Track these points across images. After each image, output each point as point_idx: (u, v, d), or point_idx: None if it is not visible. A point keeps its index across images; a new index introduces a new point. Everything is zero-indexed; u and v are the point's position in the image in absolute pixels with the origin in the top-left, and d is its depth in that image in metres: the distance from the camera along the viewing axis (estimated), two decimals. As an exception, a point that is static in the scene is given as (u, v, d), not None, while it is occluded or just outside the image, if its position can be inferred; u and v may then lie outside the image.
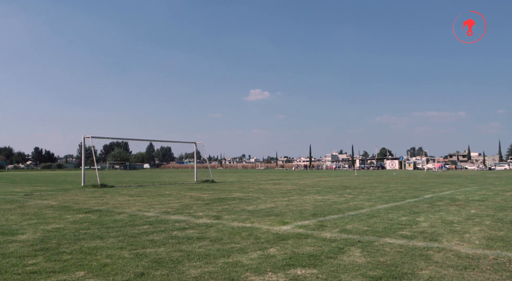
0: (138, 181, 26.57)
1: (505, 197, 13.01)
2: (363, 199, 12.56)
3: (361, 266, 4.44)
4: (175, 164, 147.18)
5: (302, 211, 9.39)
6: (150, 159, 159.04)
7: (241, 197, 13.59)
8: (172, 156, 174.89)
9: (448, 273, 4.19)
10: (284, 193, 15.11)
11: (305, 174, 46.83)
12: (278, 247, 5.46)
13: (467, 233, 6.43)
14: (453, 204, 10.81)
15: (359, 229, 6.86)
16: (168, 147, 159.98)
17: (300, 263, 4.58)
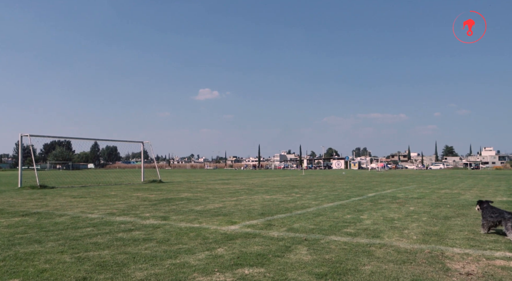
0: (81, 182, 25.49)
1: (440, 195, 13.84)
2: (310, 198, 12.85)
3: (308, 264, 4.54)
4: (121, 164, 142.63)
5: (251, 210, 9.45)
6: (95, 158, 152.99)
7: (189, 197, 13.44)
8: (118, 155, 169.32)
9: (388, 267, 4.38)
10: (232, 193, 15.13)
11: (254, 174, 47.15)
12: (226, 247, 5.45)
13: (406, 229, 6.76)
14: (394, 202, 11.33)
15: (306, 227, 7.01)
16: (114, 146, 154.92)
17: (248, 263, 4.60)
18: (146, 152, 29.10)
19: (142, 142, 27.08)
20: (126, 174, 42.06)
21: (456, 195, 13.69)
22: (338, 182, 24.42)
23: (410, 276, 4.06)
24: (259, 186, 20.13)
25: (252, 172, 59.37)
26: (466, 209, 9.64)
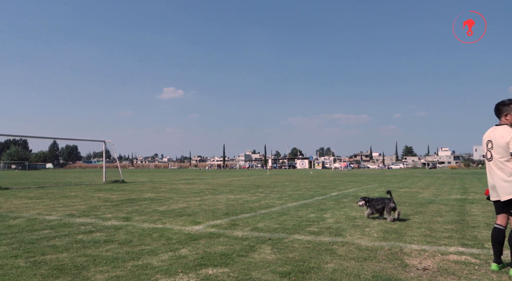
0: (38, 182, 24.53)
1: (400, 193, 14.29)
2: (275, 197, 12.94)
3: (271, 263, 4.57)
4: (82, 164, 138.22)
5: (215, 210, 9.41)
6: (54, 158, 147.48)
7: (152, 197, 13.22)
8: (79, 155, 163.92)
9: (350, 265, 4.48)
10: (197, 193, 15.01)
11: (219, 174, 46.98)
12: (190, 247, 5.40)
13: (367, 227, 6.94)
14: (356, 201, 11.59)
15: (270, 227, 7.06)
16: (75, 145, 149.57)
17: (212, 263, 4.58)
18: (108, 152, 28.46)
19: (104, 141, 26.39)
20: (87, 174, 40.86)
21: (414, 194, 14.18)
22: (302, 181, 24.74)
23: (371, 272, 4.17)
24: (223, 186, 20.08)
25: (217, 172, 59.14)
26: (423, 207, 10.00)
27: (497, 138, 4.15)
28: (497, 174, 4.17)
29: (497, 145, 4.15)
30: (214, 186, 19.48)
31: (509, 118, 4.19)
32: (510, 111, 4.18)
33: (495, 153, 4.18)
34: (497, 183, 4.17)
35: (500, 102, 4.28)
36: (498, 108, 4.28)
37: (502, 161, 4.12)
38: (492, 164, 4.23)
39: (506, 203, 4.15)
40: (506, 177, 4.09)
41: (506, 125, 4.17)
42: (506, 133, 4.09)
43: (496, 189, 4.20)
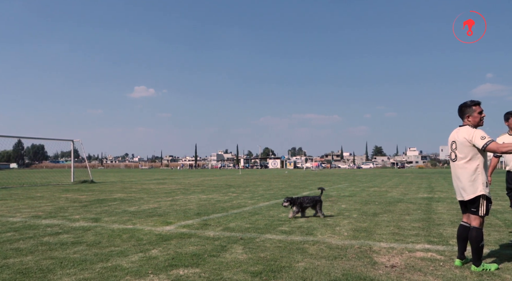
0: (1, 183, 23.66)
1: (370, 193, 14.58)
2: (247, 197, 12.96)
3: (243, 263, 4.57)
4: (49, 164, 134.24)
5: (186, 210, 9.34)
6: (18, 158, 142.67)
7: (122, 197, 12.98)
8: (45, 154, 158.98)
9: (320, 263, 4.54)
10: (168, 193, 14.85)
11: (190, 173, 46.63)
12: (160, 248, 5.34)
13: (338, 226, 7.04)
14: (327, 200, 11.75)
15: (241, 226, 7.06)
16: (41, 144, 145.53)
17: (183, 263, 4.54)
18: (76, 151, 27.76)
19: (72, 141, 25.73)
20: (54, 174, 39.68)
21: (384, 193, 14.50)
22: (274, 181, 24.86)
23: (341, 271, 4.24)
24: (195, 185, 19.94)
25: (188, 172, 58.66)
26: (392, 205, 10.23)
27: (460, 138, 4.29)
28: (461, 174, 4.31)
29: (460, 146, 4.29)
30: (186, 186, 19.32)
31: (471, 119, 4.34)
32: (471, 113, 4.34)
33: (459, 153, 4.32)
34: (461, 183, 4.32)
35: (462, 104, 4.43)
36: (461, 110, 4.44)
37: (465, 162, 4.26)
38: (456, 165, 4.38)
39: (469, 202, 4.30)
40: (469, 177, 4.23)
41: (468, 126, 4.33)
42: (467, 133, 4.23)
43: (460, 189, 4.35)
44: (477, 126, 4.34)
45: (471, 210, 4.29)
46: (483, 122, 4.38)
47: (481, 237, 4.21)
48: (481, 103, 4.38)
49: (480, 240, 4.20)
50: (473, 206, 4.26)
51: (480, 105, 4.37)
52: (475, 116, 4.33)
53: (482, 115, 4.35)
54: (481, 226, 4.26)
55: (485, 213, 4.21)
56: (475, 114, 4.33)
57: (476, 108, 4.34)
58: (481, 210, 4.19)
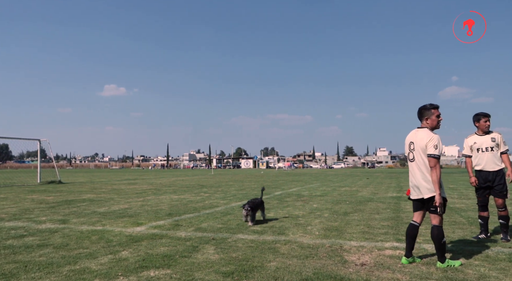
0: (-37, 184, 22.70)
1: (341, 192, 14.80)
2: (219, 197, 12.91)
3: (215, 263, 4.56)
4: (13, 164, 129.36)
5: (158, 211, 9.22)
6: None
7: (92, 198, 12.69)
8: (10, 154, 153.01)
9: (292, 263, 4.57)
10: (139, 193, 14.62)
11: (162, 174, 46.06)
12: (131, 249, 5.25)
13: (309, 226, 7.12)
14: (299, 200, 11.86)
15: (213, 226, 7.03)
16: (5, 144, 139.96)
17: (154, 264, 4.48)
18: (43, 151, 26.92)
19: (39, 140, 24.94)
20: (19, 175, 38.34)
21: (354, 192, 14.75)
22: (247, 181, 24.88)
23: (312, 269, 4.28)
24: (167, 186, 19.72)
25: (160, 172, 57.93)
26: (362, 205, 10.42)
27: (418, 140, 4.45)
28: (418, 174, 4.46)
29: (418, 147, 4.45)
30: (157, 186, 19.07)
31: (429, 122, 4.51)
32: (430, 115, 4.50)
33: (417, 154, 4.48)
34: (418, 183, 4.47)
35: (422, 107, 4.59)
36: (420, 112, 4.59)
37: (422, 162, 4.42)
38: (414, 165, 4.53)
39: (427, 201, 4.46)
40: (426, 177, 4.38)
41: (426, 128, 4.48)
42: (425, 136, 4.39)
43: (418, 188, 4.49)
44: (434, 128, 4.51)
45: (430, 209, 4.43)
46: (440, 125, 4.55)
47: (442, 235, 4.36)
48: (439, 107, 4.55)
49: (441, 237, 4.35)
50: (432, 205, 4.39)
51: (438, 109, 4.53)
52: (433, 119, 4.49)
53: (440, 118, 4.53)
54: (441, 224, 4.41)
55: (443, 211, 4.36)
56: (434, 117, 4.49)
57: (434, 111, 4.50)
58: (439, 209, 4.33)
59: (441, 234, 4.36)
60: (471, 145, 6.10)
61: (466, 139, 6.23)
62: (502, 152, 5.94)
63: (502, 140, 5.94)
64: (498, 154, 5.92)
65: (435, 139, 4.32)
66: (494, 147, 5.91)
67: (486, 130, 5.99)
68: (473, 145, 6.07)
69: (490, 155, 5.92)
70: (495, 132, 5.98)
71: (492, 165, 5.92)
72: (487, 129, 5.99)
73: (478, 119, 6.00)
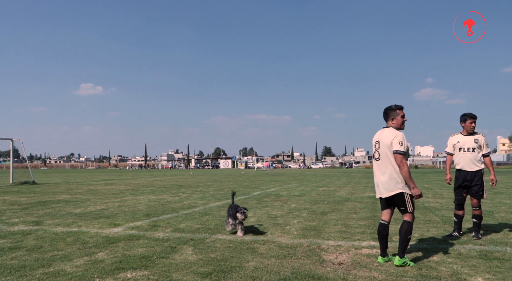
0: None
1: (319, 192, 14.93)
2: (197, 197, 12.84)
3: (193, 264, 4.53)
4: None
5: (135, 212, 9.10)
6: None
7: (67, 199, 12.43)
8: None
9: (270, 262, 4.59)
10: (116, 194, 14.40)
11: (140, 174, 45.52)
12: (107, 250, 5.17)
13: (288, 225, 7.15)
14: (278, 200, 11.91)
15: (192, 227, 6.99)
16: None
17: (131, 266, 4.42)
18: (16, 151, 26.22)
19: (12, 140, 24.28)
20: (-10, 175, 37.25)
21: (332, 192, 14.90)
22: (225, 181, 24.83)
23: (290, 269, 4.31)
24: (145, 186, 19.49)
25: (138, 172, 57.22)
26: (340, 204, 10.54)
27: (384, 139, 4.56)
28: (384, 173, 4.56)
29: (383, 146, 4.55)
30: (135, 187, 18.83)
31: (395, 122, 4.63)
32: (395, 116, 4.62)
33: (382, 153, 4.58)
34: (380, 181, 4.59)
35: (387, 107, 4.71)
36: (386, 113, 4.70)
37: (388, 160, 4.51)
38: (379, 164, 4.63)
39: (388, 200, 4.57)
40: (391, 176, 4.48)
41: (392, 128, 4.60)
42: (390, 134, 4.50)
43: (381, 187, 4.60)
44: (399, 129, 4.62)
45: (400, 209, 4.53)
46: (405, 126, 4.68)
47: (410, 231, 4.46)
48: (404, 107, 4.67)
49: (409, 233, 4.46)
50: (400, 205, 4.49)
51: (403, 110, 4.66)
52: (398, 119, 4.61)
53: (404, 119, 4.65)
54: (413, 220, 4.52)
55: (413, 208, 4.48)
56: (399, 117, 4.61)
57: (399, 112, 4.63)
58: (409, 207, 4.45)
59: (410, 230, 4.46)
60: (454, 143, 6.27)
61: (450, 137, 6.40)
62: (485, 154, 6.12)
63: (485, 143, 6.11)
64: (479, 156, 6.08)
65: (400, 136, 4.44)
66: (475, 148, 6.07)
67: (470, 131, 6.14)
68: (456, 144, 6.23)
69: (470, 155, 6.08)
70: (480, 134, 6.14)
71: (472, 165, 6.08)
72: (472, 130, 6.14)
73: (465, 120, 6.16)
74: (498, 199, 11.94)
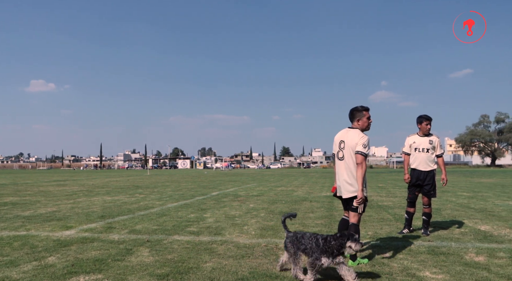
0: None
1: (277, 192, 15.08)
2: (154, 198, 12.62)
3: (149, 266, 4.45)
4: None
5: (89, 213, 8.81)
6: None
7: (15, 201, 11.83)
8: None
9: (228, 263, 4.59)
10: (69, 195, 13.88)
11: (95, 174, 44.11)
12: (58, 254, 4.97)
13: (246, 225, 7.17)
14: (236, 200, 11.91)
15: (148, 228, 6.86)
16: None
17: (84, 270, 4.28)
18: (-42, 150, 24.59)
19: (-46, 138, 22.82)
20: None
21: (290, 192, 15.09)
22: (183, 181, 24.55)
23: (248, 269, 4.32)
24: (100, 187, 18.91)
25: (93, 173, 55.43)
26: (298, 204, 10.69)
27: (349, 139, 4.63)
28: (345, 173, 4.63)
29: (348, 146, 4.62)
30: (90, 188, 18.23)
31: (360, 123, 4.71)
32: (361, 117, 4.71)
33: (346, 153, 4.65)
34: (345, 181, 4.63)
35: (354, 108, 4.78)
36: (352, 113, 4.77)
37: (351, 161, 4.57)
38: (342, 164, 4.69)
39: (350, 200, 4.63)
40: (351, 177, 4.56)
41: (357, 129, 4.68)
42: (356, 136, 4.57)
43: (342, 187, 4.67)
44: (364, 130, 4.72)
45: (351, 207, 4.59)
46: (370, 127, 4.79)
47: (358, 232, 4.55)
48: (370, 109, 4.77)
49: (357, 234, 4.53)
50: (352, 204, 4.56)
51: (369, 111, 4.76)
52: (364, 120, 4.70)
53: (370, 120, 4.75)
54: (359, 223, 4.62)
55: (363, 211, 4.58)
56: (365, 118, 4.70)
57: (365, 113, 4.72)
58: (360, 208, 4.53)
59: (357, 232, 4.52)
60: (411, 144, 6.53)
61: (407, 138, 6.65)
62: (438, 155, 6.42)
63: (439, 144, 6.41)
64: (433, 156, 6.37)
65: (365, 139, 4.52)
66: (430, 149, 6.35)
67: (426, 132, 6.43)
68: (412, 144, 6.50)
69: (424, 155, 6.36)
70: (435, 135, 6.44)
71: (425, 165, 6.36)
72: (427, 132, 6.43)
73: (421, 122, 6.44)
74: (445, 197, 12.55)
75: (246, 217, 8.27)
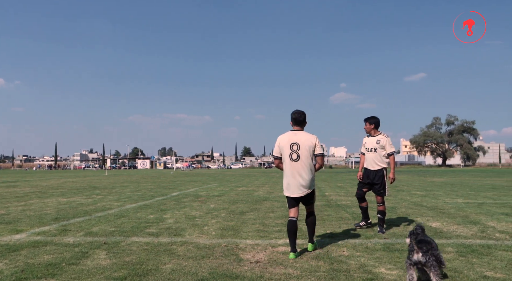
0: None
1: (238, 192, 15.09)
2: (112, 199, 12.29)
3: (106, 269, 4.33)
4: None
5: (42, 216, 8.46)
6: None
7: (-40, 204, 11.17)
8: None
9: (188, 264, 4.54)
10: (20, 197, 13.26)
11: (49, 175, 42.38)
12: (7, 260, 4.73)
13: (206, 226, 7.13)
14: (197, 200, 11.81)
15: (106, 230, 6.67)
16: None
17: (35, 275, 4.10)
18: None
19: None
20: None
21: (251, 192, 15.14)
22: (143, 182, 24.07)
23: (208, 269, 4.30)
24: (54, 188, 18.19)
25: (47, 173, 53.25)
26: (258, 204, 10.74)
27: (304, 141, 4.98)
28: (304, 173, 4.95)
29: (304, 148, 4.95)
30: (43, 189, 17.49)
31: (304, 126, 5.18)
32: (305, 123, 5.19)
33: (302, 154, 4.96)
34: (304, 181, 4.95)
35: (303, 114, 5.15)
36: (305, 119, 5.16)
37: (308, 162, 4.94)
38: (299, 164, 4.97)
39: (299, 198, 5.04)
40: (311, 175, 5.00)
41: (306, 132, 5.12)
42: (311, 137, 5.02)
43: (304, 187, 4.97)
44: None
45: (309, 202, 5.11)
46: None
47: (315, 219, 5.30)
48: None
49: (315, 221, 5.26)
50: (310, 199, 5.10)
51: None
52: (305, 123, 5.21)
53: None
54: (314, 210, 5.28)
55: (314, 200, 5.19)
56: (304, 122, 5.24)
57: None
58: (315, 199, 5.19)
59: (315, 218, 5.29)
60: (364, 144, 6.81)
61: (363, 138, 6.92)
62: (389, 153, 6.64)
63: (389, 143, 6.63)
64: (381, 155, 6.59)
65: (318, 140, 5.03)
66: (377, 149, 6.58)
67: (367, 132, 6.75)
68: (364, 144, 6.80)
69: (372, 155, 6.60)
70: (383, 134, 6.67)
71: (373, 164, 6.60)
72: (368, 132, 6.75)
73: (365, 123, 6.75)
74: (400, 196, 13.02)
75: (207, 217, 8.22)
